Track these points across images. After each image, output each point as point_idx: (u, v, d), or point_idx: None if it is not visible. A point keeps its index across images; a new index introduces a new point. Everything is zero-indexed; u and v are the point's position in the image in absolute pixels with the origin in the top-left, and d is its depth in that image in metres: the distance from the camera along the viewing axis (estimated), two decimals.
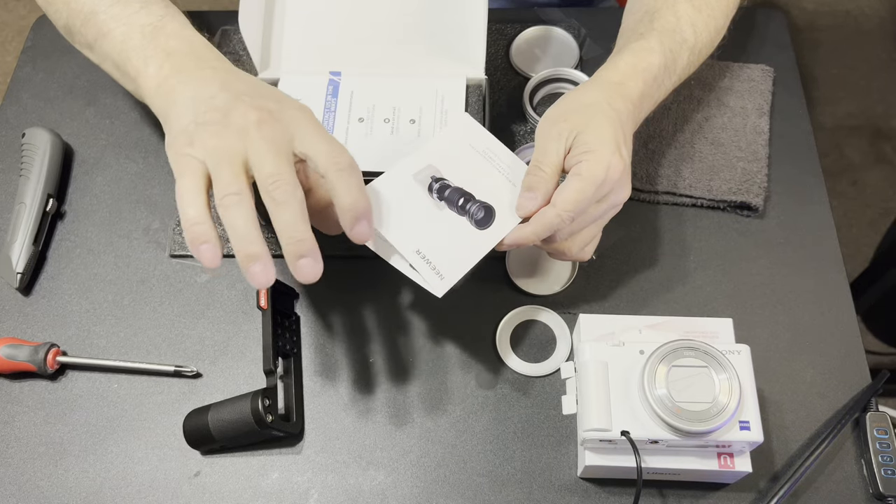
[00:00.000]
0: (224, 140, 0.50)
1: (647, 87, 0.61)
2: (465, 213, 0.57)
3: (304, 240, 0.49)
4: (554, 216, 0.55)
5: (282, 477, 0.62)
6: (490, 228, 0.57)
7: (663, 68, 0.62)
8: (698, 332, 0.60)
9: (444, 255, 0.56)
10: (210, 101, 0.52)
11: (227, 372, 0.66)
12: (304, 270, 0.50)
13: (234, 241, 0.49)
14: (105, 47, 0.59)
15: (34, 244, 0.70)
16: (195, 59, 0.56)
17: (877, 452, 0.60)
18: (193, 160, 0.50)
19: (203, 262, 0.50)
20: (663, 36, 0.63)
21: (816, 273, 0.69)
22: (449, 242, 0.56)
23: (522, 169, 0.59)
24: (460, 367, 0.66)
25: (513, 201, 0.58)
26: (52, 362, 0.65)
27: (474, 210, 0.57)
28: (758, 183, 0.72)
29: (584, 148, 0.56)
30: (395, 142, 0.66)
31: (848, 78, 1.75)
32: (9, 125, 0.80)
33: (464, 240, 0.57)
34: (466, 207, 0.57)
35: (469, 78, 0.69)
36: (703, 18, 0.65)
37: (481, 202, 0.58)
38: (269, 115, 0.51)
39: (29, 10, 1.91)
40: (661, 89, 0.63)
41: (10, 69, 1.79)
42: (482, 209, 0.57)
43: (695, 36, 0.64)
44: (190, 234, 0.49)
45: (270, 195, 0.49)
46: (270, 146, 0.50)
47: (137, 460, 0.63)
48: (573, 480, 0.61)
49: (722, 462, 0.56)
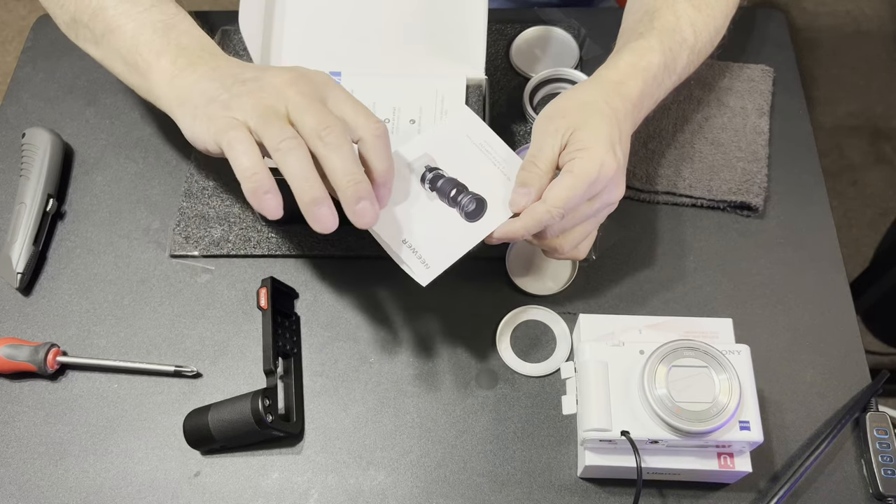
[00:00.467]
0: (263, 99, 0.50)
1: (647, 86, 0.61)
2: (456, 205, 0.58)
3: (361, 181, 0.50)
4: (544, 212, 0.55)
5: (282, 477, 0.62)
6: (480, 221, 0.58)
7: (663, 67, 0.62)
8: (698, 332, 0.60)
9: (431, 244, 0.56)
10: (237, 76, 0.53)
11: (227, 372, 0.66)
12: (365, 214, 0.50)
13: (296, 186, 0.49)
14: (113, 42, 0.60)
15: (34, 244, 0.70)
16: (209, 55, 0.57)
17: (877, 452, 0.60)
18: (234, 121, 0.50)
19: (268, 214, 0.49)
20: (663, 35, 0.63)
21: (816, 273, 0.70)
22: (437, 232, 0.57)
23: (518, 164, 0.59)
24: (460, 367, 0.66)
25: (506, 195, 0.58)
26: (52, 362, 0.65)
27: (466, 202, 0.57)
28: (758, 183, 0.72)
29: (578, 145, 0.56)
30: (396, 142, 0.66)
31: (848, 78, 1.76)
32: (9, 125, 0.80)
33: (452, 231, 0.57)
34: (458, 199, 0.57)
35: (469, 78, 0.69)
36: (702, 18, 0.65)
37: (473, 194, 0.58)
38: (300, 76, 0.52)
39: (29, 10, 1.91)
40: (660, 88, 0.63)
41: (10, 69, 1.79)
42: (473, 201, 0.57)
43: (694, 35, 0.64)
44: (249, 184, 0.49)
45: (323, 140, 0.49)
46: (310, 100, 0.50)
47: (137, 460, 0.63)
48: (573, 480, 0.61)
49: (722, 462, 0.56)
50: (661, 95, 0.64)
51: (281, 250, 0.71)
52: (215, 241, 0.72)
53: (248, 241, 0.71)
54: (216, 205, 0.73)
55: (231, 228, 0.72)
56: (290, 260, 0.71)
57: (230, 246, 0.71)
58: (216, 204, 0.74)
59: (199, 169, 0.75)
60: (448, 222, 0.57)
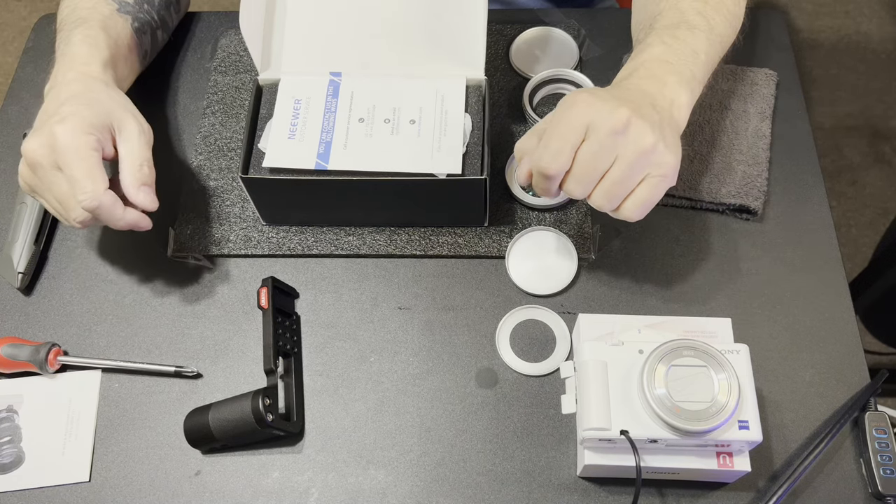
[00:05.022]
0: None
1: (655, 67, 0.60)
2: None
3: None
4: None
5: (282, 476, 0.62)
6: None
7: (669, 54, 0.60)
8: (697, 332, 0.60)
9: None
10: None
11: (227, 372, 0.66)
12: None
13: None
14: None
15: (35, 244, 0.70)
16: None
17: (875, 452, 0.61)
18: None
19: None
20: (662, 32, 0.62)
21: (815, 273, 0.70)
22: None
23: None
24: (460, 366, 0.66)
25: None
26: (52, 362, 0.65)
27: None
28: (758, 187, 0.72)
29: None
30: (396, 142, 0.66)
31: (847, 78, 1.76)
32: (10, 125, 0.80)
33: None
34: None
35: (469, 78, 0.69)
36: (711, 6, 0.64)
37: None
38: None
39: (30, 10, 1.91)
40: (683, 64, 0.60)
41: (11, 69, 1.79)
42: None
43: (704, 19, 0.63)
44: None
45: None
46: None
47: (138, 460, 0.63)
48: (573, 479, 0.61)
49: (721, 461, 0.56)
50: (699, 66, 0.61)
51: (281, 250, 0.71)
52: (215, 241, 0.72)
53: (249, 241, 0.72)
54: (216, 205, 0.74)
55: (231, 228, 0.72)
56: (290, 260, 0.71)
57: (230, 246, 0.71)
58: (216, 204, 0.74)
59: (200, 169, 0.75)
60: None
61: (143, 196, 0.62)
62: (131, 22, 0.73)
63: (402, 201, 0.68)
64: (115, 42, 0.69)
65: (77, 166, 0.58)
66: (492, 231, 0.71)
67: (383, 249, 0.71)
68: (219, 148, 0.77)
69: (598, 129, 0.54)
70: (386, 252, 0.71)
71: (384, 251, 0.71)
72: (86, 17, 0.69)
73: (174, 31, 0.83)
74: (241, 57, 0.82)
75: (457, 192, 0.66)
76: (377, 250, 0.71)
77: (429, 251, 0.70)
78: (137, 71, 0.75)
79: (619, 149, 0.54)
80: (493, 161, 0.74)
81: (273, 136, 0.66)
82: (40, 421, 0.65)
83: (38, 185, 0.61)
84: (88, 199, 0.58)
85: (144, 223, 0.63)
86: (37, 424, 0.64)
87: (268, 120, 0.68)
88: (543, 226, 0.71)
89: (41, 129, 0.60)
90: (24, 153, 0.60)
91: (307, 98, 0.68)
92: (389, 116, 0.67)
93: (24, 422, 0.65)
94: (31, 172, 0.61)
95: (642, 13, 0.69)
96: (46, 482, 0.62)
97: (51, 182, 0.60)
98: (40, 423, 0.64)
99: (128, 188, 0.62)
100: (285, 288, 0.68)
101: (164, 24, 0.79)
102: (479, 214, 0.70)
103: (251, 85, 0.74)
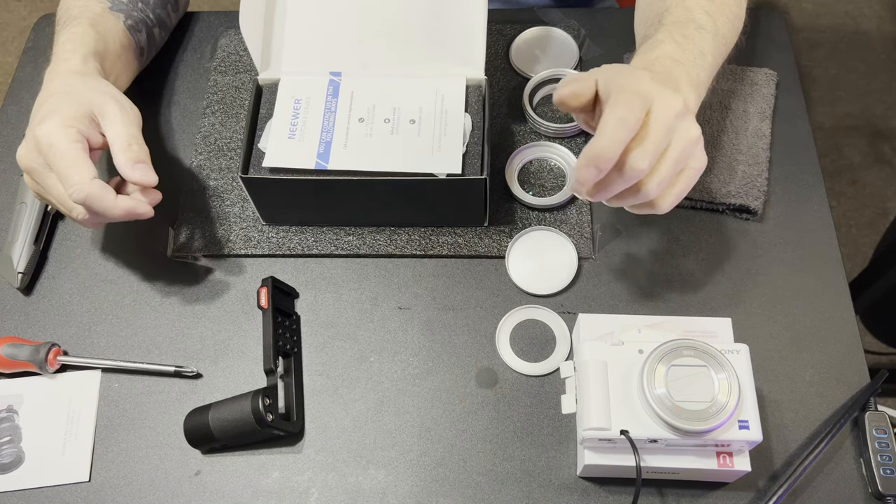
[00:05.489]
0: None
1: (671, 60, 0.59)
2: None
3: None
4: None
5: (282, 476, 0.62)
6: None
7: (680, 51, 0.60)
8: (697, 332, 0.60)
9: None
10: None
11: (227, 372, 0.66)
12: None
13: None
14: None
15: (35, 244, 0.70)
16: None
17: (876, 452, 0.61)
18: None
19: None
20: (672, 28, 0.62)
21: (815, 273, 0.70)
22: None
23: None
24: (460, 366, 0.66)
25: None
26: (52, 362, 0.65)
27: None
28: (757, 187, 0.72)
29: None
30: (396, 142, 0.66)
31: (847, 78, 1.76)
32: (10, 125, 0.80)
33: None
34: None
35: (469, 78, 0.69)
36: (716, 5, 0.64)
37: None
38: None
39: (30, 10, 1.91)
40: (691, 57, 0.60)
41: (11, 69, 1.79)
42: None
43: (710, 18, 0.63)
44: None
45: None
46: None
47: (138, 460, 0.63)
48: (573, 479, 0.61)
49: (721, 461, 0.56)
50: (705, 68, 0.61)
51: (281, 250, 0.71)
52: (215, 240, 0.72)
53: (249, 241, 0.72)
54: (216, 205, 0.74)
55: (231, 228, 0.72)
56: (290, 260, 0.71)
57: (230, 246, 0.71)
58: (216, 204, 0.74)
59: (200, 169, 0.75)
60: None
61: (139, 173, 0.60)
62: (124, 19, 0.73)
63: (401, 201, 0.68)
64: (105, 38, 0.69)
65: (61, 162, 0.58)
66: (492, 231, 0.71)
67: (383, 249, 0.71)
68: (219, 148, 0.77)
69: (661, 111, 0.52)
70: (386, 252, 0.71)
71: (384, 251, 0.71)
72: (76, 15, 0.69)
73: (174, 30, 0.83)
74: (241, 57, 0.82)
75: (457, 192, 0.66)
76: (377, 250, 0.71)
77: (429, 251, 0.70)
78: (135, 68, 0.75)
79: (674, 132, 0.53)
80: (493, 161, 0.74)
81: (273, 135, 0.66)
82: (40, 421, 0.65)
83: (41, 190, 0.62)
84: (76, 191, 0.58)
85: (142, 209, 0.61)
86: (37, 424, 0.64)
87: (268, 120, 0.68)
88: (543, 226, 0.71)
89: (27, 135, 0.60)
90: (18, 162, 0.60)
91: (307, 98, 0.68)
92: (389, 116, 0.67)
93: (24, 422, 0.65)
94: (31, 179, 0.61)
95: (647, 10, 0.69)
96: (46, 482, 0.62)
97: (48, 184, 0.60)
98: (40, 423, 0.64)
99: (122, 168, 0.60)
100: (285, 288, 0.68)
101: (162, 23, 0.79)
102: (479, 214, 0.70)
103: (251, 85, 0.74)
